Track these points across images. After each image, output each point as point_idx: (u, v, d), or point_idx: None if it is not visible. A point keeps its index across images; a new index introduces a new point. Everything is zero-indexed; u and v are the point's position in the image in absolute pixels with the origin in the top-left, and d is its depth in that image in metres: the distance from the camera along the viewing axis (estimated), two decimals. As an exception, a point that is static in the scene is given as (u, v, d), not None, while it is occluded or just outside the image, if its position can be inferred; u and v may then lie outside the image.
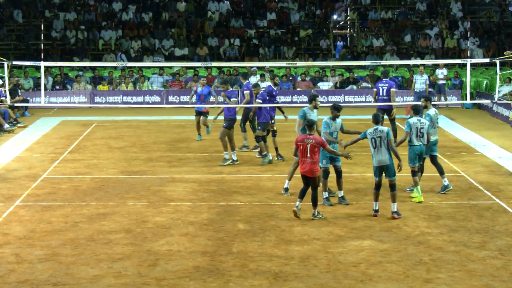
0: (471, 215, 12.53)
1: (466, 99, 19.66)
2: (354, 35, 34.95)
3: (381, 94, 19.28)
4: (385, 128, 12.28)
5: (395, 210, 12.26)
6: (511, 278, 9.59)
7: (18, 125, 21.94)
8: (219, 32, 32.30)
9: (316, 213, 12.18)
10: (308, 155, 11.88)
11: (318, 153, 11.99)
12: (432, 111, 14.08)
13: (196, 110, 19.53)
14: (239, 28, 32.68)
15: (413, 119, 13.45)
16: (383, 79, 19.70)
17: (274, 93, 17.15)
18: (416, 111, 13.53)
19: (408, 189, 14.15)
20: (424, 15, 34.42)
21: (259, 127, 16.53)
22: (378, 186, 12.35)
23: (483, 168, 16.23)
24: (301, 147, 11.97)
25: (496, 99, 19.80)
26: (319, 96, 14.33)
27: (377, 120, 12.32)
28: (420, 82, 23.43)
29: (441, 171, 14.09)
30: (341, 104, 14.51)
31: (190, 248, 10.78)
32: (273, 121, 16.82)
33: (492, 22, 33.89)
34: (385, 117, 18.25)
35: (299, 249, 10.69)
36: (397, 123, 19.42)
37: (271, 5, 34.20)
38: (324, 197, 13.16)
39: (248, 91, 17.27)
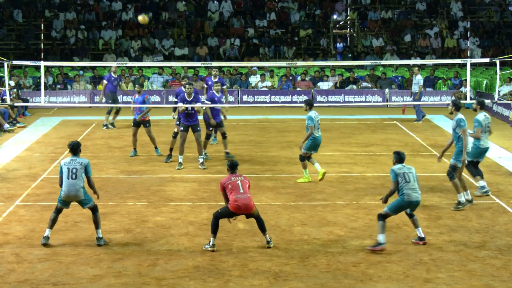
0: (471, 215, 12.53)
1: (466, 99, 19.65)
2: (354, 35, 34.94)
3: None
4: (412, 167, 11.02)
5: (423, 235, 10.99)
6: (511, 278, 9.60)
7: (18, 125, 21.95)
8: (219, 32, 32.31)
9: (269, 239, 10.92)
10: (242, 190, 10.66)
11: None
12: (481, 116, 13.65)
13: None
14: (239, 28, 32.68)
15: None
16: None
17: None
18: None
19: None
20: (424, 15, 34.42)
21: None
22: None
23: (483, 168, 16.15)
24: (230, 186, 10.69)
25: (496, 99, 19.80)
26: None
27: (401, 159, 10.95)
28: (414, 83, 23.45)
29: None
30: (341, 104, 14.62)
31: (190, 248, 10.78)
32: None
33: (492, 22, 33.89)
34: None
35: (299, 249, 10.69)
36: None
37: (271, 5, 34.20)
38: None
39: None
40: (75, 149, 10.98)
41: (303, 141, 14.70)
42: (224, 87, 18.86)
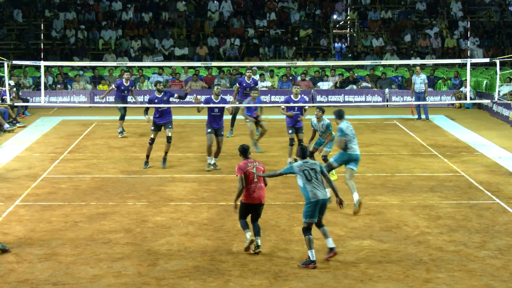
0: (471, 215, 12.53)
1: (466, 99, 19.67)
2: (354, 35, 34.94)
3: None
4: (317, 162, 10.57)
5: (333, 245, 10.25)
6: (511, 278, 9.60)
7: (18, 124, 21.95)
8: (219, 32, 32.31)
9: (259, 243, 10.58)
10: (256, 180, 10.59)
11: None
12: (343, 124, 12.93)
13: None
14: (239, 28, 32.69)
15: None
16: None
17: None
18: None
19: None
20: (424, 15, 34.42)
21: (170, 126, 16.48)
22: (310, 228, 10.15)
23: (483, 168, 16.23)
24: (247, 173, 10.55)
25: (496, 99, 19.80)
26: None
27: (304, 154, 10.51)
28: (419, 82, 23.54)
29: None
30: (341, 104, 14.79)
31: (190, 248, 10.78)
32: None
33: (492, 22, 33.89)
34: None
35: (299, 249, 10.68)
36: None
37: (271, 5, 34.20)
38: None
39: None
40: None
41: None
42: (257, 87, 19.86)
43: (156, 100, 16.40)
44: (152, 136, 16.30)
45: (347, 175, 12.76)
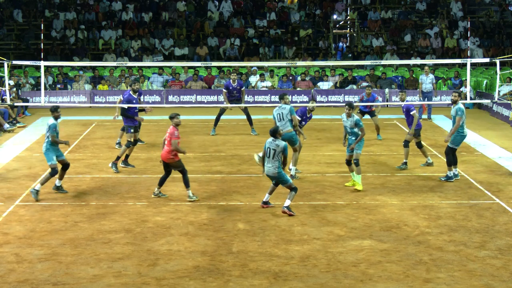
0: (471, 215, 12.54)
1: (466, 99, 19.67)
2: (354, 35, 34.94)
3: None
4: (282, 142, 12.48)
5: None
6: (511, 278, 9.60)
7: (18, 125, 21.95)
8: (219, 32, 32.32)
9: (192, 195, 13.48)
10: (166, 142, 13.42)
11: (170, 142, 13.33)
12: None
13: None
14: (239, 28, 32.69)
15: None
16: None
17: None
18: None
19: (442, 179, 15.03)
20: (424, 15, 34.43)
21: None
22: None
23: (483, 168, 16.23)
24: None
25: (496, 99, 19.81)
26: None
27: (272, 133, 12.56)
28: (427, 82, 23.53)
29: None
30: (341, 104, 14.87)
31: (190, 248, 10.78)
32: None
33: (492, 22, 33.90)
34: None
35: (299, 249, 10.69)
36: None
37: (271, 5, 34.21)
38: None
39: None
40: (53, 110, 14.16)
41: (356, 142, 14.11)
42: (243, 89, 20.78)
43: (134, 101, 16.13)
44: (132, 139, 16.09)
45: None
